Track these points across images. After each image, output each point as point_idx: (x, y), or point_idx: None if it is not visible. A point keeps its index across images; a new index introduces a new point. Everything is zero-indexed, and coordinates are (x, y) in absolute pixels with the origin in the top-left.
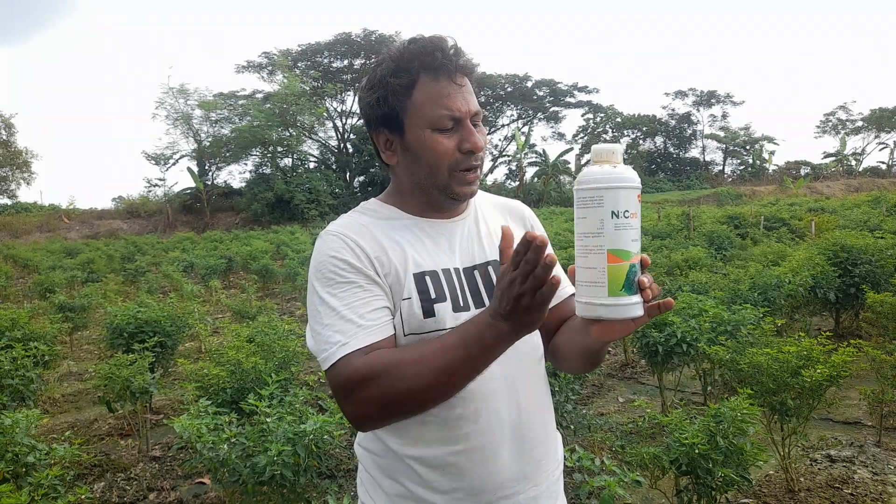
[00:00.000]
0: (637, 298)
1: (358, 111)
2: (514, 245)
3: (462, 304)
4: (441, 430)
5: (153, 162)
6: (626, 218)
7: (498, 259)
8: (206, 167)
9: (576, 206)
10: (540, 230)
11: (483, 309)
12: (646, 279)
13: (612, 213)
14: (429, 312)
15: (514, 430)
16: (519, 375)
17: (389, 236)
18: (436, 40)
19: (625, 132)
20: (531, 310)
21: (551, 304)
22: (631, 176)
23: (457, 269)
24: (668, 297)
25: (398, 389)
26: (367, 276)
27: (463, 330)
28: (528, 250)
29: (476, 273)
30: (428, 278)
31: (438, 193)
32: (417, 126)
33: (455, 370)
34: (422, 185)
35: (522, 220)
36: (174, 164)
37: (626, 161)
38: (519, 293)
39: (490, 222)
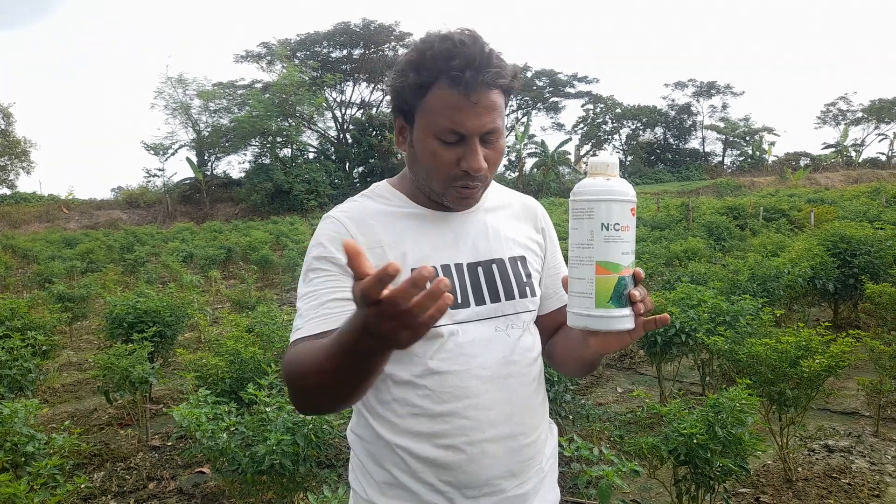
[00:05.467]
0: (626, 311)
1: (357, 101)
2: (362, 260)
3: (461, 301)
4: (430, 424)
5: (152, 152)
6: (617, 231)
7: (503, 258)
8: (206, 157)
9: (570, 216)
10: (550, 230)
11: (358, 314)
12: (637, 293)
13: (602, 225)
14: None
15: (503, 429)
16: (511, 374)
17: (392, 228)
18: (466, 46)
19: (624, 123)
20: (402, 341)
21: (553, 307)
22: (624, 189)
23: (459, 265)
24: (665, 314)
25: (292, 381)
26: (344, 267)
27: (341, 334)
28: (420, 293)
29: (480, 269)
30: None
31: (435, 196)
32: (424, 129)
33: (331, 370)
34: (419, 183)
35: (535, 219)
36: (173, 154)
37: (626, 152)
38: (399, 326)
39: (500, 218)
